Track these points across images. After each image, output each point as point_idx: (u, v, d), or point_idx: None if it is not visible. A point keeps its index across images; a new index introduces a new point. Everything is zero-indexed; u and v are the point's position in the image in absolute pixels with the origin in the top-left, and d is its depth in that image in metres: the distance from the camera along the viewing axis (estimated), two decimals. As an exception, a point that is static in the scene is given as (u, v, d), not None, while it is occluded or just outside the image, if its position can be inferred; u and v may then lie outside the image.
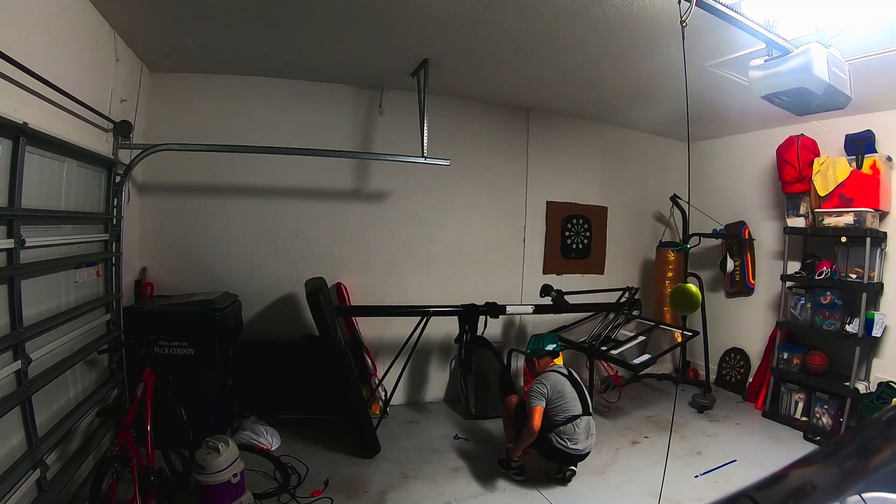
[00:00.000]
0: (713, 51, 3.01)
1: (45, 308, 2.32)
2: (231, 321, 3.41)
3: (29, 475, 2.03)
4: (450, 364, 4.50)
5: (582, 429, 2.95)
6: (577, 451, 2.93)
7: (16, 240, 2.00)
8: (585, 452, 2.99)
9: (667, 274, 4.98)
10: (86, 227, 2.78)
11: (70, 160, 2.54)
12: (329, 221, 4.15)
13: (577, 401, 3.02)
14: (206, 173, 3.84)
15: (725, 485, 3.06)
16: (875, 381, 3.80)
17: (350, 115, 4.18)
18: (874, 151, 3.87)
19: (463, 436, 3.68)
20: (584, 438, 2.96)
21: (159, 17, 2.89)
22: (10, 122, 1.93)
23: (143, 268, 3.66)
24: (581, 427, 2.94)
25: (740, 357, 4.94)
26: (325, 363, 3.50)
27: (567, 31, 2.90)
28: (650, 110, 4.43)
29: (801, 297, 4.15)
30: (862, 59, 2.76)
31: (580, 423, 2.95)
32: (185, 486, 2.59)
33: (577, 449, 2.92)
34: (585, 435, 2.96)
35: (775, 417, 4.19)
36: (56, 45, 2.35)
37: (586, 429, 2.97)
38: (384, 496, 2.86)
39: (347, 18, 2.87)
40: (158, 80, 3.66)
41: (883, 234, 3.85)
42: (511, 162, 4.74)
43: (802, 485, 0.89)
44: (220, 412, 3.31)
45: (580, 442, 2.93)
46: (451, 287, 4.42)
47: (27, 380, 2.07)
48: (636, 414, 4.24)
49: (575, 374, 3.19)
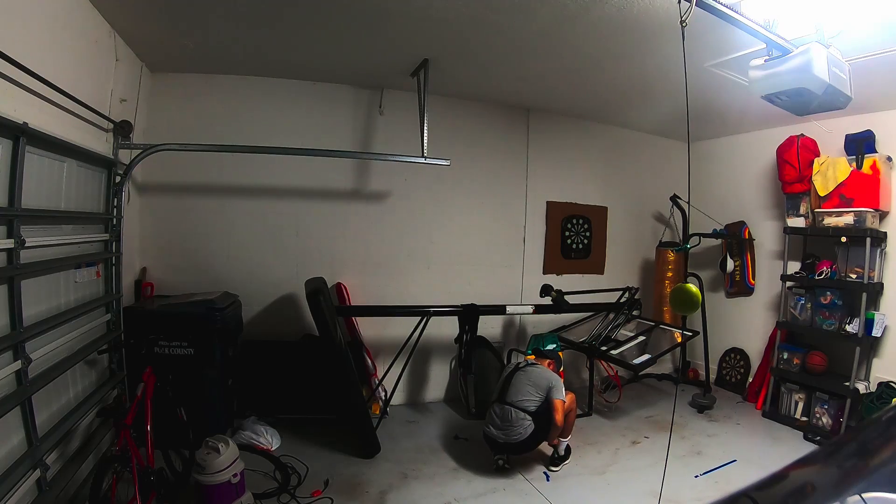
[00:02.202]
0: (713, 51, 3.01)
1: (45, 308, 2.32)
2: (231, 321, 3.41)
3: (29, 475, 2.02)
4: (450, 364, 4.50)
5: (497, 416, 3.12)
6: (491, 436, 3.10)
7: (16, 240, 2.00)
8: (503, 441, 3.07)
9: (667, 274, 4.98)
10: (86, 227, 2.78)
11: (70, 160, 2.54)
12: (329, 221, 4.15)
13: (499, 389, 3.23)
14: (206, 173, 3.84)
15: (725, 485, 3.06)
16: (875, 381, 3.80)
17: (350, 115, 4.18)
18: (874, 151, 3.87)
19: (463, 436, 3.68)
20: (500, 426, 3.08)
21: (159, 17, 2.88)
22: (10, 122, 1.93)
23: (143, 268, 3.66)
24: (496, 414, 3.13)
25: (740, 357, 4.94)
26: (325, 363, 3.50)
27: (567, 31, 2.90)
28: (650, 110, 4.42)
29: (801, 297, 4.14)
30: (862, 59, 2.76)
31: (495, 408, 3.16)
32: (185, 486, 2.59)
33: (490, 433, 3.11)
34: (501, 422, 3.09)
35: (775, 417, 4.19)
36: (56, 45, 2.35)
37: (501, 416, 3.10)
38: (384, 496, 2.86)
39: (347, 18, 2.87)
40: (158, 80, 3.66)
41: (883, 234, 3.84)
42: (511, 162, 4.74)
43: (802, 485, 0.89)
44: (220, 412, 3.31)
45: (494, 428, 3.10)
46: (451, 287, 4.42)
47: (27, 380, 2.06)
48: (636, 414, 4.24)
49: (534, 368, 3.25)
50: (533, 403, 3.08)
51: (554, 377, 3.18)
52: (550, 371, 3.27)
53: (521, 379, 3.18)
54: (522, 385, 3.15)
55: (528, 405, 3.08)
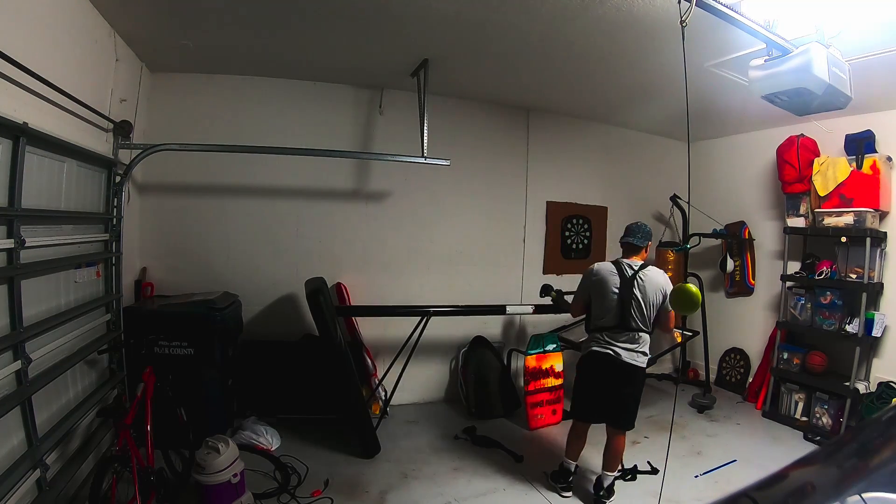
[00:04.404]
0: (713, 51, 3.00)
1: (45, 308, 2.32)
2: (231, 321, 3.41)
3: (29, 475, 2.02)
4: (450, 364, 4.50)
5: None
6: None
7: (16, 240, 2.00)
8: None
9: (667, 274, 4.97)
10: (86, 227, 2.78)
11: (70, 160, 2.54)
12: (329, 221, 4.15)
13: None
14: (206, 173, 3.84)
15: (725, 485, 3.06)
16: (875, 381, 3.80)
17: (350, 115, 4.18)
18: (874, 151, 3.87)
19: (464, 436, 3.68)
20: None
21: (159, 17, 2.88)
22: (10, 122, 1.93)
23: (143, 268, 3.66)
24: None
25: (740, 357, 4.93)
26: (325, 363, 3.49)
27: (567, 31, 2.90)
28: (650, 110, 4.43)
29: (801, 297, 4.14)
30: (862, 59, 2.76)
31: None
32: (185, 486, 2.59)
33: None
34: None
35: (775, 417, 4.19)
36: (56, 45, 2.35)
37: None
38: (384, 496, 2.86)
39: (347, 18, 2.87)
40: (158, 80, 3.66)
41: (883, 234, 3.84)
42: (511, 162, 4.74)
43: (802, 485, 0.89)
44: (220, 412, 3.31)
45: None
46: (451, 287, 4.42)
47: (27, 380, 2.06)
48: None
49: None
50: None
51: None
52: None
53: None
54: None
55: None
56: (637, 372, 2.75)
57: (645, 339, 2.76)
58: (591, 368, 2.85)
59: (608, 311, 2.77)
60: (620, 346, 2.72)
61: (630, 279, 2.76)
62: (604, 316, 2.79)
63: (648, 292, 2.72)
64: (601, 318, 2.80)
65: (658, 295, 2.75)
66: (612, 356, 2.72)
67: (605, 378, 2.77)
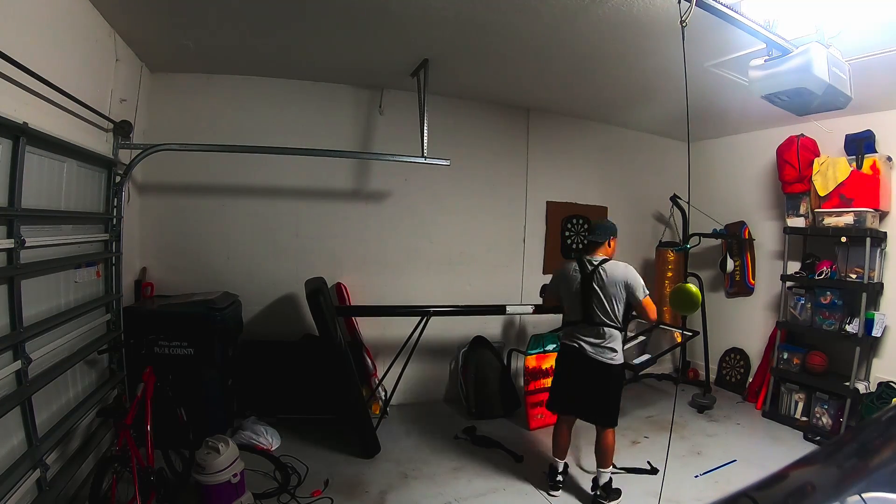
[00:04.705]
0: (713, 51, 3.01)
1: (45, 308, 2.32)
2: (231, 321, 3.41)
3: (29, 475, 2.02)
4: (450, 364, 4.50)
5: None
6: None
7: (16, 240, 2.00)
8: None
9: (667, 274, 4.98)
10: (86, 227, 2.78)
11: (70, 160, 2.54)
12: (329, 221, 4.15)
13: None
14: (206, 173, 3.84)
15: (725, 485, 3.06)
16: (875, 381, 3.80)
17: (350, 115, 4.18)
18: (874, 151, 3.87)
19: (464, 436, 3.68)
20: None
21: (159, 17, 2.88)
22: (10, 122, 1.93)
23: (143, 268, 3.66)
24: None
25: (740, 357, 4.93)
26: (325, 363, 3.49)
27: (567, 31, 2.90)
28: (650, 110, 4.43)
29: (801, 297, 4.14)
30: (862, 59, 2.76)
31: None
32: (185, 486, 2.59)
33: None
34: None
35: (775, 417, 4.18)
36: (56, 45, 2.35)
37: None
38: (384, 496, 2.86)
39: (347, 18, 2.87)
40: (158, 80, 3.66)
41: (883, 234, 3.84)
42: (511, 162, 4.74)
43: (802, 485, 0.89)
44: (220, 412, 3.31)
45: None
46: (451, 287, 4.42)
47: (27, 380, 2.06)
48: (636, 414, 4.24)
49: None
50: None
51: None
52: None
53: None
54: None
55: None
56: (607, 369, 2.78)
57: (612, 334, 2.80)
58: (562, 361, 3.00)
59: (573, 307, 2.88)
60: (585, 341, 2.81)
61: (590, 274, 2.82)
62: (571, 311, 2.91)
63: (608, 285, 2.77)
64: (568, 313, 2.94)
65: (619, 287, 2.78)
66: (578, 349, 2.82)
67: (575, 371, 2.86)
